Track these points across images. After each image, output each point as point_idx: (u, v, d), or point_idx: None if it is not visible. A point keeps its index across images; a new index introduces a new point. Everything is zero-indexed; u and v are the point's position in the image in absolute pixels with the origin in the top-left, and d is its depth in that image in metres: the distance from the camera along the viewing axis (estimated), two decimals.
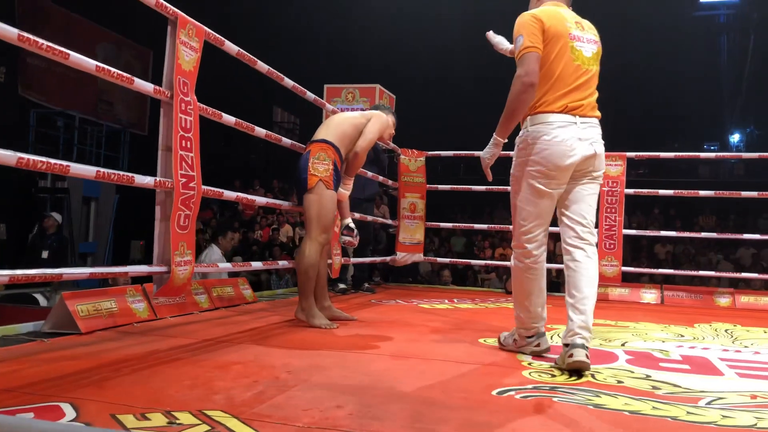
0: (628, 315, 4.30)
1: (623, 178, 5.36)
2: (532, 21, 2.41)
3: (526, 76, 2.36)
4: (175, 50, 2.62)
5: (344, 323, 3.34)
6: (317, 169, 3.16)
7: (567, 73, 2.42)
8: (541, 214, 2.47)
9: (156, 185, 2.58)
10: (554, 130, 2.37)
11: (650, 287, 5.64)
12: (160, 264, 2.66)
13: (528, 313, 2.56)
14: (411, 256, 5.99)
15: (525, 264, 2.53)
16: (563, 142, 2.37)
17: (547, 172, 2.39)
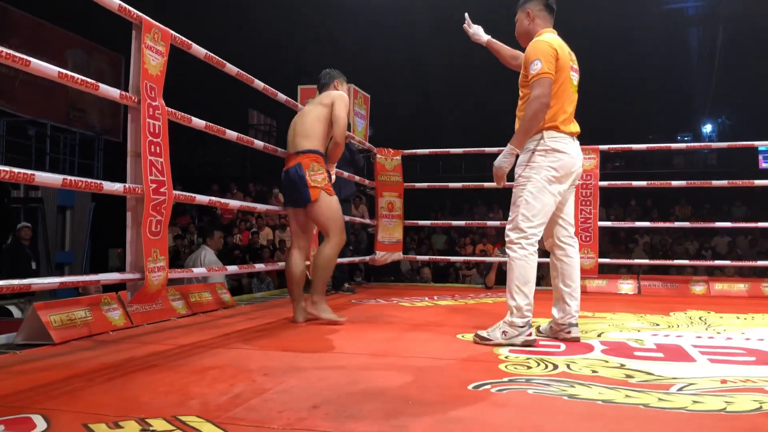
0: (605, 306, 4.35)
1: (597, 171, 5.42)
2: (550, 49, 2.79)
3: (544, 98, 2.75)
4: (140, 55, 2.59)
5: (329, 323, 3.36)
6: (316, 180, 3.35)
7: (569, 99, 2.88)
8: (548, 212, 2.84)
9: (125, 191, 2.55)
10: (566, 146, 2.83)
11: (627, 278, 5.71)
12: (134, 271, 2.64)
13: (526, 300, 2.77)
14: (390, 255, 6.00)
15: (529, 251, 2.79)
16: (572, 156, 2.84)
17: (561, 178, 2.82)
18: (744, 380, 2.09)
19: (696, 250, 11.44)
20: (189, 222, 11.32)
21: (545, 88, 2.74)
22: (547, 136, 2.81)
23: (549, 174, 2.80)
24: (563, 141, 2.81)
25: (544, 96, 2.74)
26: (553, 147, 2.80)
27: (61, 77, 2.25)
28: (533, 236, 2.79)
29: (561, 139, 2.81)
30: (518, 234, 2.80)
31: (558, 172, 2.80)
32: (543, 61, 2.75)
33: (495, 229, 11.53)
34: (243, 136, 3.60)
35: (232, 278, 8.16)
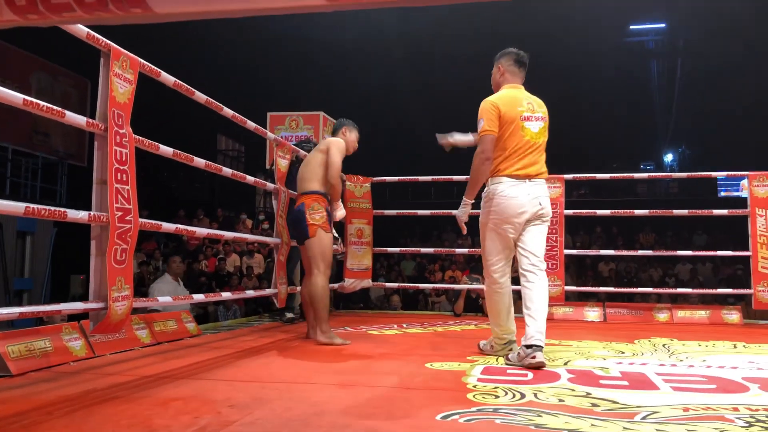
0: (571, 334, 4.40)
1: (562, 199, 5.53)
2: (492, 108, 3.13)
3: (483, 153, 3.13)
4: (108, 82, 2.58)
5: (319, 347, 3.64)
6: (314, 218, 3.79)
7: (518, 147, 3.16)
8: (501, 251, 3.21)
9: (90, 219, 2.52)
10: (508, 188, 3.12)
11: (593, 305, 5.80)
12: (97, 300, 2.59)
13: (500, 327, 3.29)
14: (360, 282, 5.99)
15: (492, 288, 3.27)
16: (515, 198, 3.11)
17: (503, 221, 3.14)
18: (705, 408, 2.13)
19: (660, 276, 11.66)
20: (155, 248, 11.13)
21: (485, 144, 3.12)
22: (490, 183, 3.18)
23: (492, 217, 3.16)
24: (506, 184, 3.12)
25: (483, 152, 3.12)
26: (494, 191, 3.14)
27: (26, 104, 2.23)
28: (495, 273, 3.23)
29: (503, 182, 3.12)
30: (486, 274, 3.29)
31: (500, 214, 3.12)
32: (485, 119, 3.12)
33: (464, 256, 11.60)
34: (211, 163, 3.60)
35: (198, 306, 8.04)
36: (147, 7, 0.54)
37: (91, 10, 0.54)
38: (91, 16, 0.55)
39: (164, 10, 0.54)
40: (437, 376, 2.73)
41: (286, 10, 0.55)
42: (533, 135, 3.19)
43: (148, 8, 0.54)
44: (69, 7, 0.53)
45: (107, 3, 0.54)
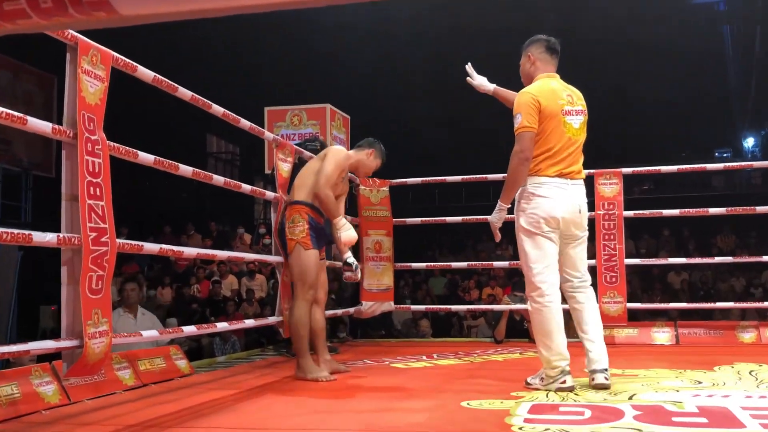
0: (637, 361, 4.36)
1: (621, 198, 5.48)
2: (532, 102, 3.26)
3: (521, 153, 3.24)
4: (76, 81, 2.63)
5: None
6: (293, 233, 3.87)
7: (560, 145, 3.29)
8: (545, 256, 3.28)
9: (60, 243, 2.56)
10: (548, 190, 3.26)
11: (662, 325, 5.74)
12: (70, 337, 2.64)
13: (551, 352, 3.23)
14: (379, 306, 6.00)
15: (540, 303, 3.26)
16: (554, 198, 3.26)
17: (544, 221, 3.25)
18: None
19: (743, 287, 11.51)
20: (137, 271, 11.25)
21: (524, 142, 3.24)
22: (529, 182, 3.30)
23: (532, 220, 3.26)
24: (546, 186, 3.26)
25: (521, 151, 3.24)
26: (533, 192, 3.27)
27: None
28: (542, 284, 3.25)
29: (543, 184, 3.26)
30: (530, 288, 3.30)
31: (539, 213, 3.25)
32: (523, 114, 3.25)
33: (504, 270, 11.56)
34: (200, 171, 3.64)
35: (191, 339, 8.10)
36: (112, 10, 0.55)
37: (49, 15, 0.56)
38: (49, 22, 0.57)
39: (132, 11, 0.55)
40: (475, 416, 2.72)
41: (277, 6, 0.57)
42: (574, 131, 3.34)
43: (113, 10, 0.55)
44: (23, 13, 0.55)
45: (66, 7, 0.56)
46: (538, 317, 3.28)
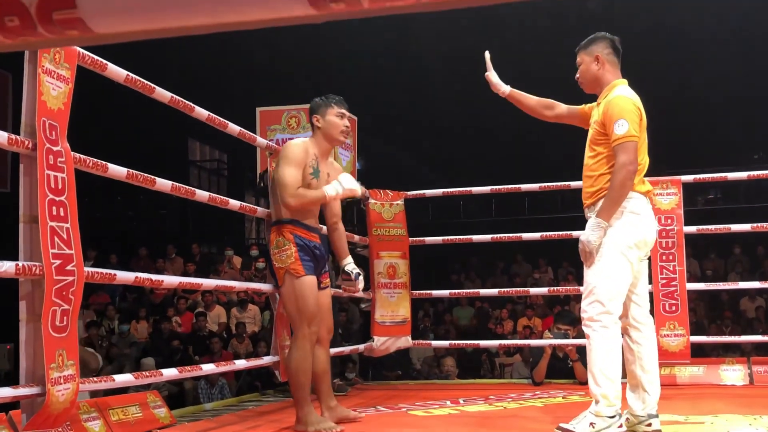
0: (703, 405, 4.35)
1: (680, 211, 5.47)
2: (636, 110, 3.40)
3: (631, 165, 3.34)
4: (36, 83, 2.67)
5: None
6: (280, 260, 3.77)
7: (646, 160, 3.51)
8: (624, 284, 3.40)
9: (18, 272, 2.60)
10: (646, 211, 3.46)
11: (733, 362, 5.71)
12: (31, 383, 2.66)
13: (613, 386, 3.30)
14: (394, 342, 6.00)
15: (609, 329, 3.34)
16: (650, 221, 3.49)
17: (641, 247, 3.42)
18: None
19: None
20: (107, 303, 11.32)
21: (631, 154, 3.34)
22: (627, 200, 3.39)
23: (626, 239, 3.37)
24: (640, 202, 3.43)
25: (631, 163, 3.34)
26: (630, 209, 3.39)
27: None
28: (615, 311, 3.36)
29: (641, 202, 3.43)
30: (599, 309, 3.35)
31: (635, 237, 3.38)
32: (629, 122, 3.34)
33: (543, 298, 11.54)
34: (180, 185, 3.68)
35: (171, 382, 8.13)
36: (86, 28, 0.58)
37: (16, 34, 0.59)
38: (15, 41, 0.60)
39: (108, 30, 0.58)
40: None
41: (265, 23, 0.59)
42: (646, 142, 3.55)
43: (88, 29, 0.58)
44: None
45: (35, 25, 0.58)
46: (605, 344, 3.34)
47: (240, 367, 5.02)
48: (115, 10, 0.58)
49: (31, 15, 0.58)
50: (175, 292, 11.20)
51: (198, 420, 4.35)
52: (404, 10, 0.62)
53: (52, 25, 0.59)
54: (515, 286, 12.31)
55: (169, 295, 11.26)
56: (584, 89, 3.65)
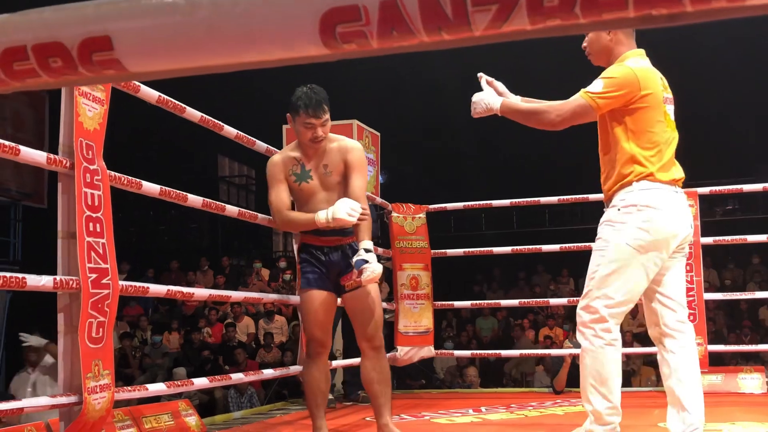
0: (721, 413, 4.32)
1: (697, 222, 5.45)
2: (627, 80, 2.94)
3: (558, 121, 2.99)
4: (73, 105, 2.73)
5: None
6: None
7: (667, 142, 3.03)
8: (634, 291, 2.95)
9: (57, 286, 2.65)
10: (666, 202, 2.94)
11: (751, 370, 5.66)
12: (68, 393, 2.71)
13: (607, 404, 2.89)
14: (417, 351, 6.02)
15: (604, 340, 2.91)
16: (673, 214, 2.95)
17: (656, 243, 2.90)
18: None
19: None
20: (140, 314, 11.42)
21: (574, 113, 2.96)
22: (639, 188, 2.94)
23: (639, 237, 2.89)
24: (660, 193, 2.94)
25: (560, 120, 2.98)
26: (646, 202, 2.91)
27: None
28: (613, 319, 2.92)
29: (657, 189, 2.94)
30: (592, 316, 2.93)
31: (651, 234, 2.89)
32: (606, 86, 2.93)
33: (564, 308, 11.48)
34: (210, 201, 3.73)
35: (202, 391, 8.19)
36: (122, 68, 0.62)
37: (60, 74, 0.63)
38: (58, 80, 0.64)
39: (142, 69, 0.63)
40: None
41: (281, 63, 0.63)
42: (673, 125, 3.10)
43: (123, 69, 0.62)
44: (34, 73, 0.62)
45: (77, 66, 0.63)
46: (598, 356, 2.91)
47: (267, 377, 5.05)
48: (148, 52, 0.63)
49: (73, 57, 0.63)
50: (206, 303, 11.28)
51: (228, 428, 4.38)
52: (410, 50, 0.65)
53: (91, 65, 0.63)
54: (536, 296, 12.27)
55: (200, 306, 11.33)
56: (591, 60, 3.19)
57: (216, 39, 0.61)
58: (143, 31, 0.62)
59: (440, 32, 0.59)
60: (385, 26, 0.59)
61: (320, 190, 3.47)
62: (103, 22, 0.62)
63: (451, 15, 0.57)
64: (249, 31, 0.60)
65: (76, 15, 0.63)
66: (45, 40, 0.62)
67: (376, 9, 0.58)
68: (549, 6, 0.56)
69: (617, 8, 0.54)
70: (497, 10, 0.56)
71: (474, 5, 0.57)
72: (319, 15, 0.59)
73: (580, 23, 0.58)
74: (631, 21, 0.57)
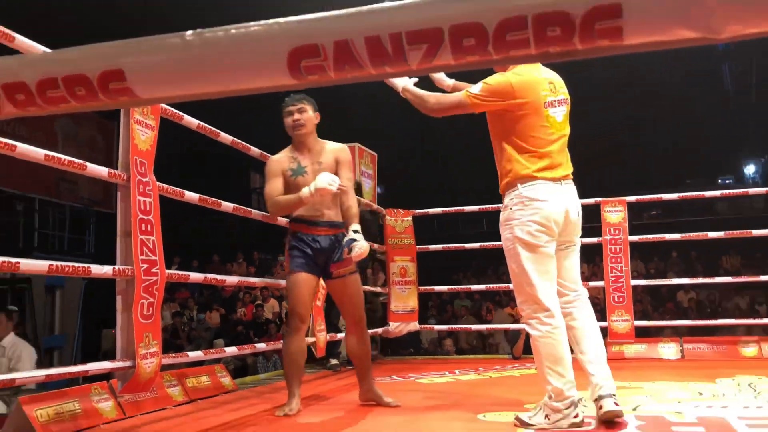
0: (643, 374, 4.32)
1: (625, 224, 5.46)
2: (502, 88, 2.68)
3: (437, 109, 2.79)
4: (129, 130, 2.74)
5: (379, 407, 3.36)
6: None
7: (544, 143, 2.74)
8: (548, 272, 2.70)
9: (115, 274, 2.65)
10: (544, 192, 2.68)
11: (668, 341, 5.66)
12: (124, 359, 2.71)
13: (562, 380, 2.63)
14: (405, 326, 6.01)
15: (550, 326, 2.66)
16: (552, 202, 2.68)
17: (547, 232, 2.66)
18: None
19: (748, 304, 11.28)
20: (188, 297, 11.40)
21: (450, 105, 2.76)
22: (522, 187, 2.70)
23: (533, 229, 2.66)
24: (543, 187, 2.69)
25: (439, 108, 2.78)
26: (530, 196, 2.68)
27: (47, 159, 2.40)
28: (549, 303, 2.66)
29: (540, 184, 2.69)
30: (531, 308, 2.69)
31: (540, 223, 2.66)
32: (484, 90, 2.70)
33: None
34: (239, 207, 3.73)
35: (236, 357, 8.17)
36: (133, 95, 0.63)
37: (84, 100, 0.64)
38: (83, 105, 0.65)
39: (149, 96, 0.63)
40: (489, 428, 2.73)
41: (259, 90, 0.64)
42: (557, 126, 2.78)
43: (135, 96, 0.63)
44: (64, 99, 0.63)
45: (97, 94, 0.64)
46: (549, 342, 2.65)
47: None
48: (154, 82, 0.64)
49: (94, 86, 0.63)
50: (240, 288, 11.26)
51: (255, 386, 4.37)
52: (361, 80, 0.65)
53: (108, 93, 0.64)
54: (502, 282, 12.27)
55: (236, 291, 11.32)
56: (493, 68, 2.85)
57: (207, 72, 0.62)
58: (149, 65, 0.64)
59: (384, 66, 0.59)
60: (340, 62, 0.60)
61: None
62: (117, 58, 0.63)
63: (391, 53, 0.58)
64: (233, 66, 0.61)
65: (96, 53, 0.64)
66: (72, 72, 0.63)
67: (331, 48, 0.59)
68: (467, 45, 0.56)
69: (522, 47, 0.54)
70: (427, 49, 0.57)
71: (409, 44, 0.57)
72: (287, 53, 0.60)
73: (493, 59, 0.58)
74: (533, 57, 0.57)
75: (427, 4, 0.56)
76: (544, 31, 0.52)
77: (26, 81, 0.64)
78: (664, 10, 0.52)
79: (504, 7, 0.51)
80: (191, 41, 0.61)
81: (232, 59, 0.61)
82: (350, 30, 0.57)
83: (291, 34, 0.59)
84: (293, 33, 0.59)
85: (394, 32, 0.56)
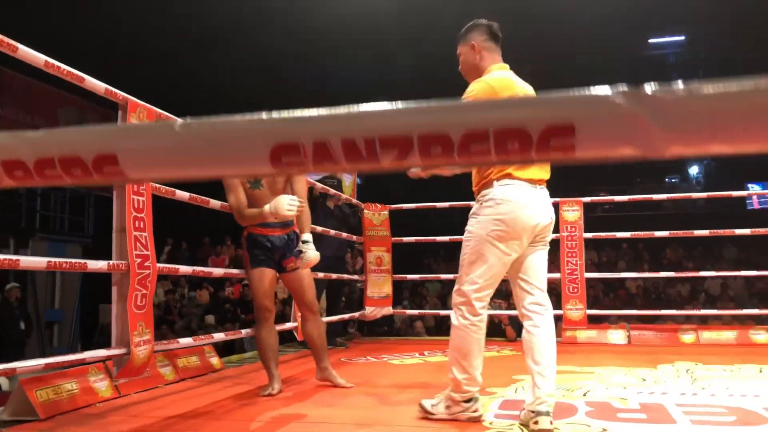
0: (594, 359, 4.38)
1: (581, 223, 5.51)
2: (487, 87, 2.52)
3: None
4: None
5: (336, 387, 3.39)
6: None
7: None
8: (495, 275, 2.51)
9: (110, 268, 2.62)
10: (521, 196, 2.47)
11: (617, 327, 5.75)
12: (119, 346, 2.69)
13: (466, 375, 2.50)
14: (380, 310, 6.03)
15: (470, 321, 2.50)
16: (529, 207, 2.47)
17: (511, 233, 2.45)
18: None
19: (689, 291, 11.49)
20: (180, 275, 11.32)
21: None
22: (498, 185, 2.50)
23: (496, 228, 2.46)
24: (516, 188, 2.49)
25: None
26: (503, 196, 2.47)
27: None
28: (477, 302, 2.50)
29: (514, 185, 2.49)
30: (461, 299, 2.53)
31: (507, 225, 2.45)
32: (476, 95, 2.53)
33: None
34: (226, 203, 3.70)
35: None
36: (124, 176, 0.63)
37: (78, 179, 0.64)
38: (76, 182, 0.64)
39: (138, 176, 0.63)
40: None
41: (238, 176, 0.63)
42: None
43: (126, 176, 0.63)
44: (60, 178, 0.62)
45: (92, 175, 0.63)
46: (463, 335, 2.50)
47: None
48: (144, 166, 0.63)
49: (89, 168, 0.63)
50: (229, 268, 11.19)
51: (241, 365, 4.36)
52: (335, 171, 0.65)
53: (102, 174, 0.63)
54: None
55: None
56: (467, 79, 2.69)
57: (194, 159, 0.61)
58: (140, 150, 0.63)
59: (358, 164, 0.59)
60: (318, 158, 0.60)
61: (269, 195, 3.21)
62: (110, 142, 0.63)
63: (365, 154, 0.58)
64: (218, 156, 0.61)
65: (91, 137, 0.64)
66: (68, 154, 0.62)
67: (311, 147, 0.59)
68: (435, 153, 0.56)
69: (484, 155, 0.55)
70: (398, 152, 0.57)
71: (381, 148, 0.57)
72: (269, 149, 0.60)
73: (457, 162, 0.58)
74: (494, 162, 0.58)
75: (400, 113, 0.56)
76: (504, 144, 0.52)
77: (24, 160, 0.63)
78: (612, 132, 0.53)
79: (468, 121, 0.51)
80: (179, 131, 0.61)
81: (217, 150, 0.61)
82: (328, 132, 0.58)
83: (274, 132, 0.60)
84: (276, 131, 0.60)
85: (369, 137, 0.56)
